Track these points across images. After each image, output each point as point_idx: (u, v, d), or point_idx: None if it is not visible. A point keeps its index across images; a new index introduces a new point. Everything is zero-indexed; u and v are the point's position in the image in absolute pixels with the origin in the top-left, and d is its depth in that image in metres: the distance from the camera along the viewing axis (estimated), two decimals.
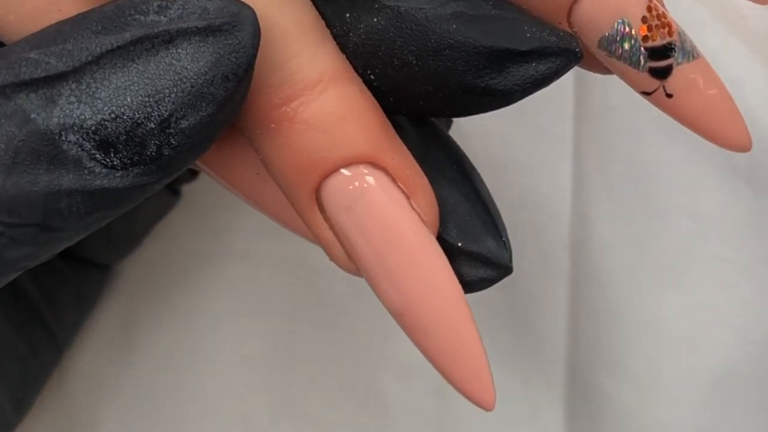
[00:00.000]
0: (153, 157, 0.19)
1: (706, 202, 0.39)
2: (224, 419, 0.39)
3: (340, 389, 0.39)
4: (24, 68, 0.19)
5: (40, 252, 0.20)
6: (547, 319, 0.27)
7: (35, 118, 0.19)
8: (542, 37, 0.22)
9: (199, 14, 0.19)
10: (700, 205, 0.39)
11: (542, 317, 0.27)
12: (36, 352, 0.34)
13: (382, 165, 0.22)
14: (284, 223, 0.25)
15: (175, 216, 0.40)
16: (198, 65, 0.19)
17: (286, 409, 0.39)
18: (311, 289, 0.40)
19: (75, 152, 0.19)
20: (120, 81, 0.19)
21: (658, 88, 0.24)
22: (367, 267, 0.23)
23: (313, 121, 0.21)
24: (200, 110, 0.19)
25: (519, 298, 0.37)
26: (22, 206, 0.19)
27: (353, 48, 0.23)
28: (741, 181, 0.40)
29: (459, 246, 0.24)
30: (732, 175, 0.40)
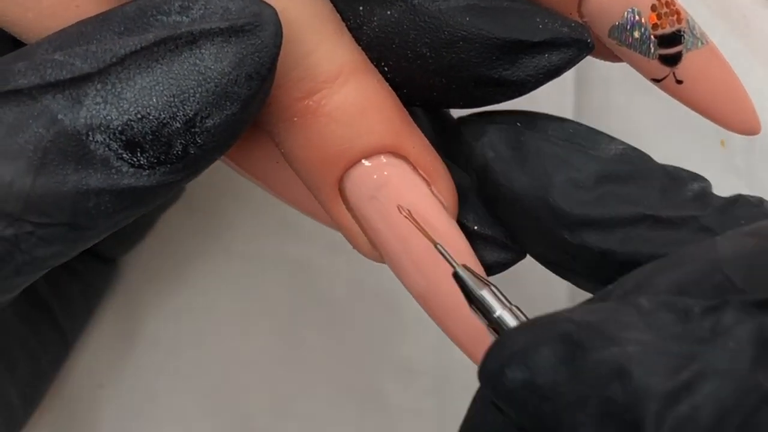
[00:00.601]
0: (179, 155, 0.20)
1: None
2: (224, 419, 0.39)
3: (340, 389, 0.40)
4: (49, 70, 0.19)
5: (68, 250, 0.21)
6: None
7: (62, 118, 0.19)
8: (554, 28, 0.23)
9: (221, 14, 0.19)
10: None
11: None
12: (45, 347, 0.34)
13: (404, 154, 0.23)
14: (304, 209, 0.26)
15: (176, 216, 0.40)
16: (222, 65, 0.19)
17: (286, 409, 0.39)
18: (312, 289, 0.41)
19: (102, 152, 0.19)
20: (145, 81, 0.19)
21: (668, 75, 0.25)
22: (391, 254, 0.24)
23: (335, 114, 0.22)
24: (225, 109, 0.20)
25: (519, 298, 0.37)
26: (51, 206, 0.20)
27: (367, 41, 0.23)
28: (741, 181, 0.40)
29: (475, 229, 0.25)
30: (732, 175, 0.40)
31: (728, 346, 0.17)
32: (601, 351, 0.18)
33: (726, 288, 0.19)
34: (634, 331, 0.18)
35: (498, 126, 0.24)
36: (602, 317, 0.18)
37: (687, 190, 0.23)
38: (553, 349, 0.18)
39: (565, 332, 0.18)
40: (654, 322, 0.18)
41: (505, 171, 0.24)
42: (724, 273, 0.19)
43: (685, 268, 0.20)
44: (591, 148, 0.24)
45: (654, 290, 0.20)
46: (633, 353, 0.17)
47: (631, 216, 0.23)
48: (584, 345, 0.18)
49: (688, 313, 0.18)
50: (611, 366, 0.17)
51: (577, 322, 0.18)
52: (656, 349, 0.17)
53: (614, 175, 0.23)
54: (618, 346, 0.17)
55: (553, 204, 0.23)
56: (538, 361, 0.18)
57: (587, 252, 0.23)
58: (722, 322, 0.17)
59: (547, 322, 0.19)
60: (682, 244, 0.22)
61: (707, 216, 0.23)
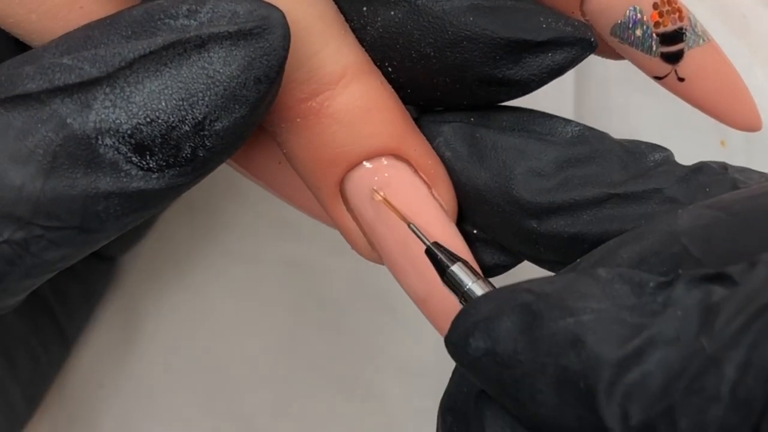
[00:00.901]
0: (188, 158, 0.20)
1: None
2: (224, 419, 0.39)
3: (340, 389, 0.40)
4: (58, 74, 0.19)
5: (77, 253, 0.21)
6: None
7: (71, 122, 0.19)
8: (558, 28, 0.23)
9: (230, 18, 0.19)
10: None
11: None
12: (46, 347, 0.35)
13: (405, 156, 0.23)
14: (305, 210, 0.26)
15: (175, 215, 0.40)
16: (230, 69, 0.19)
17: (286, 409, 0.40)
18: (311, 289, 0.41)
19: (111, 156, 0.20)
20: (154, 85, 0.19)
21: (670, 73, 0.25)
22: (390, 256, 0.24)
23: (338, 116, 0.22)
24: (233, 112, 0.20)
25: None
26: (60, 210, 0.20)
27: (371, 41, 0.23)
28: None
29: (475, 233, 0.25)
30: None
31: (676, 315, 0.17)
32: (557, 321, 0.18)
33: (683, 257, 0.19)
34: (591, 300, 0.18)
35: (452, 125, 0.24)
36: (560, 287, 0.19)
37: (648, 161, 0.24)
38: (513, 319, 0.19)
39: (524, 302, 0.19)
40: (610, 292, 0.19)
41: (464, 169, 0.24)
42: (682, 243, 0.20)
43: (646, 240, 0.20)
44: (547, 134, 0.24)
45: (616, 262, 0.20)
46: (587, 322, 0.18)
47: (595, 197, 0.23)
48: (542, 315, 0.19)
49: (643, 286, 0.19)
50: (566, 335, 0.18)
51: (536, 293, 0.19)
52: (610, 318, 0.18)
53: (573, 158, 0.24)
54: (573, 315, 0.18)
55: (516, 196, 0.23)
56: (499, 331, 0.19)
57: (556, 239, 0.23)
58: (673, 296, 0.18)
59: (508, 292, 0.19)
60: (649, 218, 0.23)
61: (671, 187, 0.23)
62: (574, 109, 0.40)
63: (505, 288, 0.20)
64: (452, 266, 0.22)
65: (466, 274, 0.22)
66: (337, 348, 0.41)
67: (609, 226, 0.23)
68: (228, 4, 0.20)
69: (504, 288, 0.20)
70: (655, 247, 0.20)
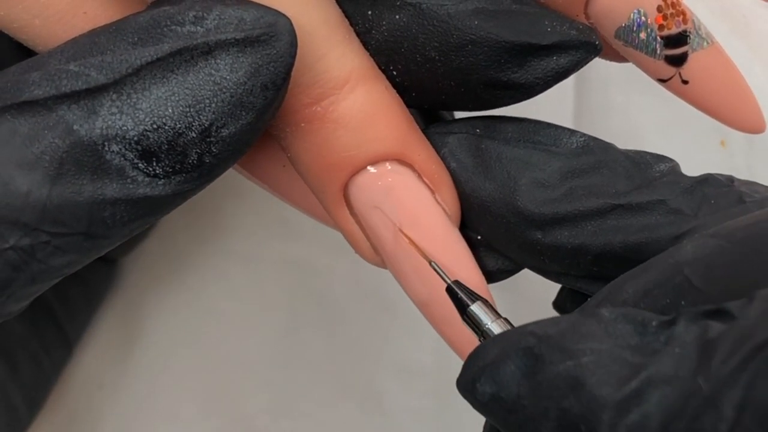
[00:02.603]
0: (194, 164, 0.20)
1: None
2: (224, 419, 0.40)
3: (340, 389, 0.40)
4: (65, 80, 0.20)
5: (83, 258, 0.21)
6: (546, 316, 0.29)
7: (78, 129, 0.20)
8: (563, 31, 0.23)
9: (236, 24, 0.20)
10: None
11: (542, 314, 0.28)
12: (48, 349, 0.35)
13: (409, 161, 0.24)
14: (309, 213, 0.26)
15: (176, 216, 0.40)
16: (237, 75, 0.20)
17: (286, 409, 0.40)
18: (312, 289, 0.41)
19: (118, 162, 0.20)
20: (160, 92, 0.20)
21: (674, 75, 0.26)
22: (393, 260, 0.25)
23: (342, 120, 0.23)
24: (240, 119, 0.20)
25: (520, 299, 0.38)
26: (67, 216, 0.20)
27: (375, 45, 0.24)
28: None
29: (478, 239, 0.25)
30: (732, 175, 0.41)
31: (674, 352, 0.18)
32: (558, 364, 0.19)
33: (685, 288, 0.20)
34: (592, 341, 0.19)
35: (457, 135, 0.25)
36: (563, 329, 0.19)
37: (654, 172, 0.24)
38: (517, 363, 0.19)
39: (527, 346, 0.19)
40: (613, 332, 0.19)
41: (469, 180, 0.24)
42: (684, 274, 0.20)
43: (650, 273, 0.21)
44: (552, 144, 0.24)
45: (622, 297, 0.21)
46: (587, 364, 0.18)
47: (599, 207, 0.23)
48: (544, 358, 0.19)
49: (646, 325, 0.19)
50: (567, 378, 0.18)
51: (538, 336, 0.19)
52: (610, 359, 0.18)
53: (578, 169, 0.24)
54: (573, 358, 0.18)
55: (521, 207, 0.24)
56: (503, 376, 0.19)
57: (560, 250, 0.24)
58: (674, 334, 0.18)
59: (515, 335, 0.20)
60: (654, 229, 0.23)
61: (676, 198, 0.23)
62: (574, 109, 0.41)
63: (512, 331, 0.20)
64: (472, 305, 0.23)
65: (486, 313, 0.23)
66: (337, 348, 0.41)
67: (613, 238, 0.23)
68: (235, 10, 0.20)
69: (511, 331, 0.21)
70: (658, 279, 0.20)
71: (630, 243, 0.23)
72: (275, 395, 0.40)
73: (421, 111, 0.27)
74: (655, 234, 0.23)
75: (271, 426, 0.40)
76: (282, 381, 0.40)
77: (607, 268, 0.23)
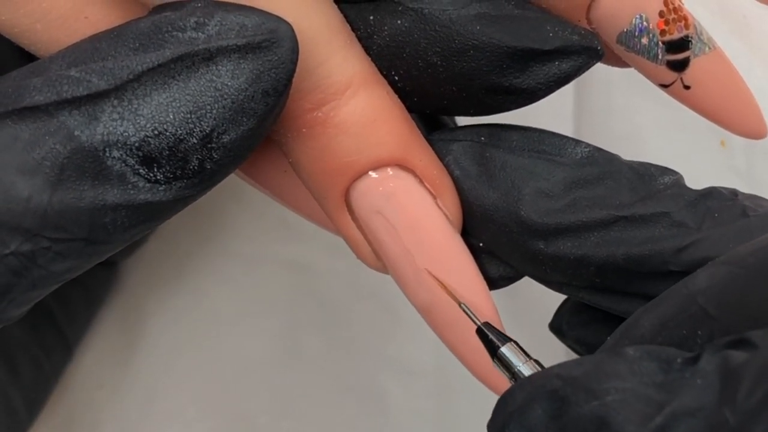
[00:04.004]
0: (195, 170, 0.20)
1: None
2: (224, 419, 0.40)
3: (340, 389, 0.40)
4: (66, 86, 0.20)
5: (84, 264, 0.21)
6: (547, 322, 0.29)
7: (79, 135, 0.20)
8: (565, 36, 0.23)
9: (238, 31, 0.20)
10: None
11: (543, 319, 0.29)
12: (48, 352, 0.35)
13: (411, 167, 0.24)
14: (311, 218, 0.26)
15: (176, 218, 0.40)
16: (238, 81, 0.20)
17: (286, 409, 0.40)
18: (312, 290, 0.41)
19: (119, 168, 0.20)
20: (162, 98, 0.20)
21: (675, 81, 0.26)
22: (395, 265, 0.25)
23: (344, 125, 0.23)
24: (241, 125, 0.20)
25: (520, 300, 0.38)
26: (68, 222, 0.20)
27: (377, 50, 0.24)
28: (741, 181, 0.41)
29: (480, 245, 0.25)
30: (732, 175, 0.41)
31: (697, 384, 0.18)
32: (583, 405, 0.19)
33: (700, 318, 0.20)
34: (617, 380, 0.19)
35: (462, 143, 0.25)
36: (588, 369, 0.19)
37: (658, 184, 0.24)
38: (543, 407, 0.19)
39: (553, 389, 0.19)
40: (638, 370, 0.19)
41: (472, 188, 0.24)
42: (699, 304, 0.20)
43: (665, 305, 0.21)
44: (557, 154, 0.24)
45: (640, 332, 0.21)
46: (611, 403, 0.18)
47: (602, 219, 0.23)
48: (569, 400, 0.19)
49: (671, 362, 0.19)
50: (592, 419, 0.18)
51: (564, 378, 0.19)
52: (635, 397, 0.18)
53: (582, 179, 0.24)
54: (599, 398, 0.18)
55: (524, 216, 0.23)
56: (531, 420, 0.19)
57: (563, 261, 0.24)
58: (699, 368, 0.18)
59: (540, 379, 0.20)
60: (657, 242, 0.23)
61: (679, 211, 0.23)
62: (574, 110, 0.41)
63: (538, 374, 0.20)
64: (503, 347, 0.23)
65: (516, 355, 0.23)
66: (337, 348, 0.41)
67: (615, 249, 0.23)
68: (236, 16, 0.20)
69: (538, 374, 0.20)
70: (674, 311, 0.20)
71: (633, 255, 0.23)
72: (275, 395, 0.40)
73: (423, 116, 0.27)
74: (658, 246, 0.23)
75: (271, 426, 0.40)
76: (282, 381, 0.40)
77: (610, 280, 0.23)
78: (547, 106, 0.25)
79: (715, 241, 0.22)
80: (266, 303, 0.41)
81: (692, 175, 0.33)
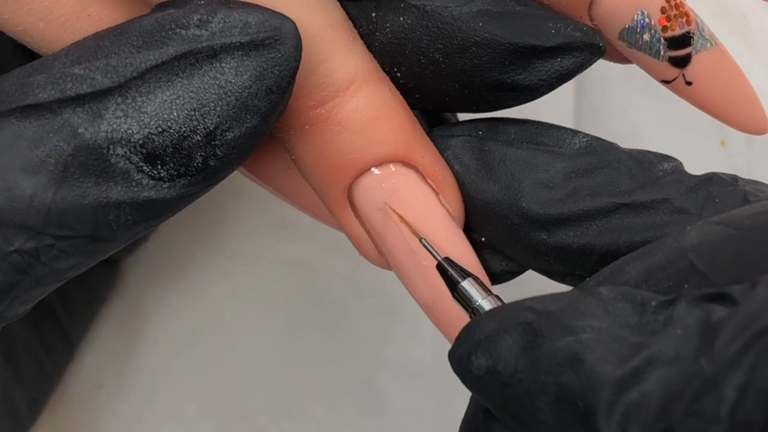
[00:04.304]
0: (199, 168, 0.20)
1: None
2: (224, 419, 0.40)
3: (340, 389, 0.40)
4: (69, 84, 0.20)
5: (87, 261, 0.21)
6: None
7: (83, 132, 0.20)
8: (567, 33, 0.23)
9: (241, 28, 0.20)
10: None
11: None
12: (50, 351, 0.35)
13: (413, 163, 0.24)
14: (314, 215, 0.26)
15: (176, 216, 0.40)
16: (242, 79, 0.20)
17: (286, 409, 0.40)
18: (312, 289, 0.41)
19: (123, 165, 0.20)
20: (165, 95, 0.20)
21: (677, 77, 0.26)
22: (398, 262, 0.25)
23: (346, 123, 0.23)
24: (245, 122, 0.20)
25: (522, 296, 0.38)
26: (71, 219, 0.20)
27: (380, 47, 0.24)
28: None
29: (483, 240, 0.25)
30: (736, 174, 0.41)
31: (676, 333, 0.18)
32: (557, 339, 0.19)
33: (689, 272, 0.20)
34: (592, 319, 0.19)
35: (460, 138, 0.25)
36: (563, 305, 0.19)
37: (657, 171, 0.24)
38: (515, 337, 0.19)
39: (526, 320, 0.19)
40: (612, 311, 0.19)
41: (473, 182, 0.24)
42: (689, 258, 0.20)
43: (654, 256, 0.21)
44: (555, 145, 0.24)
45: (624, 279, 0.21)
46: (587, 341, 0.18)
47: (603, 207, 0.23)
48: (543, 333, 0.19)
49: (645, 305, 0.19)
50: (566, 354, 0.18)
51: (538, 311, 0.19)
52: (610, 337, 0.18)
53: (581, 169, 0.24)
54: (574, 334, 0.18)
55: (525, 208, 0.24)
56: (501, 349, 0.19)
57: (565, 251, 0.24)
58: (674, 315, 0.18)
59: (511, 310, 0.20)
60: (658, 228, 0.23)
61: (680, 197, 0.23)
62: (574, 108, 0.41)
63: (509, 305, 0.20)
64: (462, 282, 0.23)
65: (476, 290, 0.23)
66: (337, 348, 0.41)
67: (618, 237, 0.23)
68: (239, 14, 0.20)
69: (508, 305, 0.20)
70: (662, 262, 0.20)
71: (635, 242, 0.23)
72: (275, 395, 0.40)
73: (425, 113, 0.27)
74: (660, 233, 0.23)
75: (271, 426, 0.40)
76: (282, 381, 0.40)
77: None
78: (546, 103, 0.25)
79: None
80: (267, 302, 0.41)
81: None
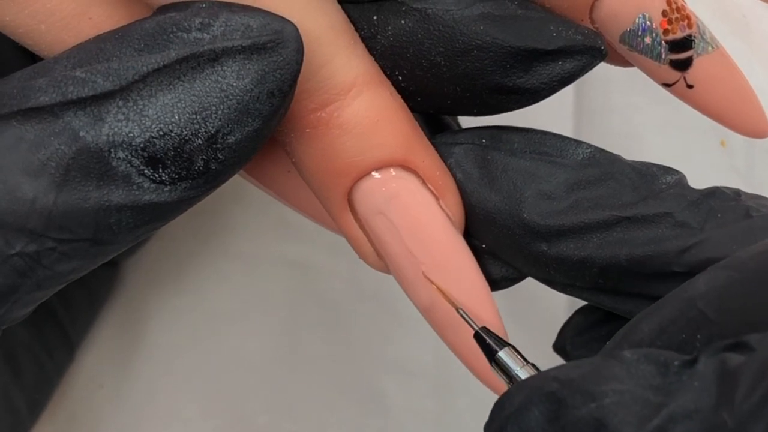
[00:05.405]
0: (200, 171, 0.20)
1: None
2: (224, 419, 0.40)
3: (340, 389, 0.41)
4: (71, 87, 0.20)
5: (88, 264, 0.21)
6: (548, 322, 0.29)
7: (84, 135, 0.20)
8: (568, 36, 0.23)
9: (243, 31, 0.20)
10: None
11: (543, 321, 0.29)
12: (51, 352, 0.35)
13: (413, 167, 0.24)
14: (314, 218, 0.27)
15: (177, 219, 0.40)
16: (244, 82, 0.20)
17: (287, 409, 0.40)
18: (312, 289, 0.42)
19: (124, 169, 0.20)
20: (167, 99, 0.20)
21: (678, 80, 0.26)
22: (397, 265, 0.25)
23: (347, 126, 0.23)
24: (246, 125, 0.20)
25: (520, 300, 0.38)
26: (73, 223, 0.20)
27: (381, 50, 0.24)
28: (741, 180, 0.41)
29: (483, 247, 0.25)
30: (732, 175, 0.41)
31: (694, 387, 0.18)
32: (580, 407, 0.19)
33: (700, 322, 0.20)
34: (614, 382, 0.19)
35: (463, 146, 0.25)
36: (584, 372, 0.19)
37: (660, 184, 0.24)
38: (541, 409, 0.19)
39: (550, 391, 0.19)
40: (635, 372, 0.19)
41: (475, 191, 0.24)
42: (698, 308, 0.20)
43: (665, 309, 0.21)
44: (558, 156, 0.24)
45: (639, 337, 0.21)
46: (609, 405, 0.18)
47: (605, 220, 0.23)
48: (566, 402, 0.19)
49: (668, 365, 0.19)
50: (589, 420, 0.18)
51: (561, 380, 0.19)
52: (632, 400, 0.18)
53: (584, 180, 0.24)
54: (596, 400, 0.19)
55: (526, 219, 0.24)
56: (528, 422, 0.19)
57: (566, 262, 0.24)
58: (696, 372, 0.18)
59: (538, 381, 0.20)
60: (660, 242, 0.23)
61: (682, 211, 0.23)
62: (574, 110, 0.41)
63: (536, 376, 0.21)
64: (500, 351, 0.23)
65: (514, 359, 0.23)
66: (338, 349, 0.41)
67: (618, 250, 0.23)
68: (241, 17, 0.20)
69: (535, 376, 0.21)
70: (673, 315, 0.20)
71: (636, 256, 0.23)
72: (275, 395, 0.40)
73: (426, 116, 0.27)
74: (661, 247, 0.23)
75: (271, 426, 0.40)
76: (282, 381, 0.41)
77: (613, 281, 0.23)
78: (546, 105, 0.25)
79: (718, 241, 0.22)
80: (266, 303, 0.41)
81: (692, 175, 0.33)
